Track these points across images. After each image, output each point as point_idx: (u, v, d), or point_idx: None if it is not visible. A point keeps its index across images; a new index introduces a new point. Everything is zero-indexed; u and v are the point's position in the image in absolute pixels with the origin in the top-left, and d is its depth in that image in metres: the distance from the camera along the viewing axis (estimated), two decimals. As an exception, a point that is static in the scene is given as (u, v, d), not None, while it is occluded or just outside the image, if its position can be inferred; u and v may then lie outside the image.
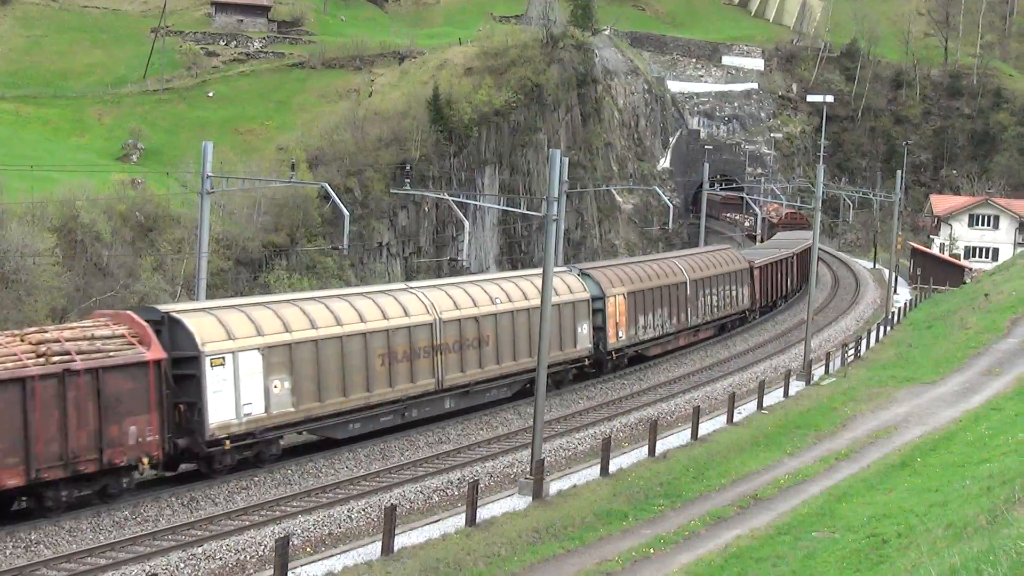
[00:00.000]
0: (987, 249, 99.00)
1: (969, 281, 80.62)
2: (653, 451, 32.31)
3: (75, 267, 57.36)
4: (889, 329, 59.75)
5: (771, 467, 31.28)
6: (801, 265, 73.98)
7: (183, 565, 23.33)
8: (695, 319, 54.51)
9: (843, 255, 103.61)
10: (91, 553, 23.83)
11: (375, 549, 23.38)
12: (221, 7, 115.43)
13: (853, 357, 50.47)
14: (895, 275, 75.24)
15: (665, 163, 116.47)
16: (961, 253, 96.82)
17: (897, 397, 39.97)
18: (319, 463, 31.88)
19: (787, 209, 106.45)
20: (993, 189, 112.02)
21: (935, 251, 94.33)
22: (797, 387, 44.14)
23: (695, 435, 34.57)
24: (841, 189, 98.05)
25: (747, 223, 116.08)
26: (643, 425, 37.22)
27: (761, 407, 39.57)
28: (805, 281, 70.78)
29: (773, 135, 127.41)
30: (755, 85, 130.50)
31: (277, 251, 71.70)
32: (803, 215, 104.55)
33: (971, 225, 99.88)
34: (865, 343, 53.63)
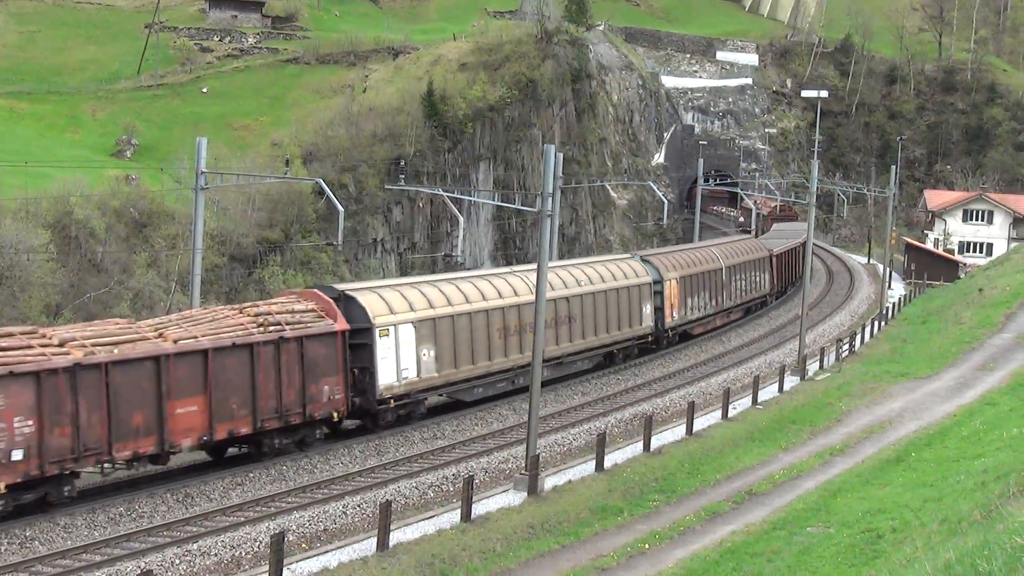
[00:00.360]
0: (981, 244, 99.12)
1: (963, 276, 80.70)
2: (648, 446, 32.34)
3: (69, 263, 57.21)
4: (883, 324, 59.80)
5: (766, 462, 31.32)
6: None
7: (178, 561, 23.30)
8: (729, 302, 59.87)
9: (837, 250, 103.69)
10: (86, 549, 23.79)
11: (370, 545, 23.39)
12: (215, 3, 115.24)
13: (847, 352, 50.56)
14: (889, 270, 75.35)
15: (659, 158, 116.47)
16: (955, 248, 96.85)
17: (891, 392, 40.01)
18: (313, 459, 31.88)
19: (775, 202, 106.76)
20: (987, 184, 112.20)
21: (929, 246, 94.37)
22: (792, 382, 44.22)
23: (690, 430, 34.63)
24: (835, 184, 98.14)
25: (741, 218, 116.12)
26: (638, 421, 37.25)
27: (756, 402, 39.65)
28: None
29: (767, 130, 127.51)
30: (749, 80, 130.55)
31: (271, 247, 71.55)
32: (792, 207, 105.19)
33: (965, 220, 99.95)
34: (859, 338, 53.74)
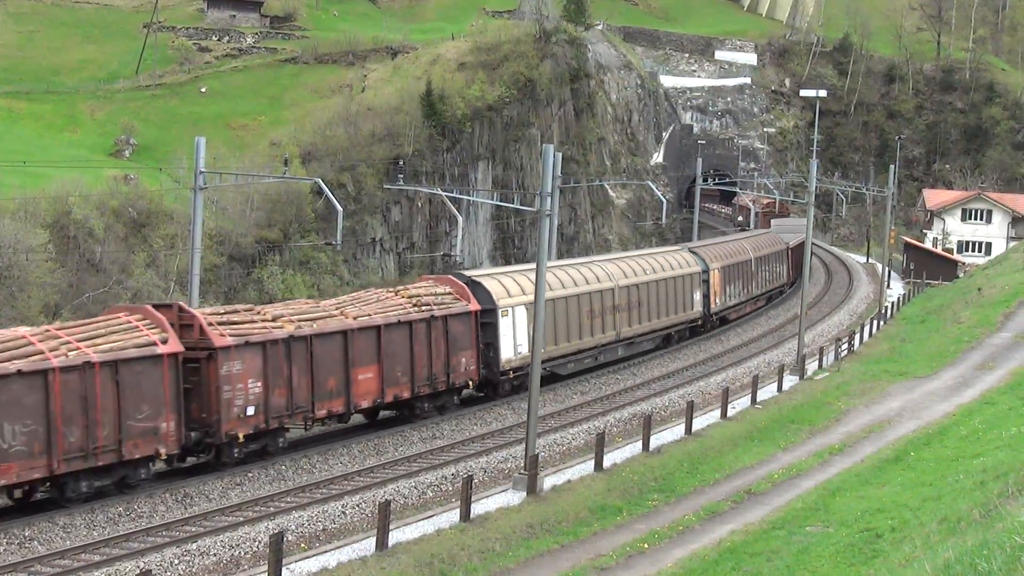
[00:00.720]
0: (980, 243, 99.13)
1: (962, 275, 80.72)
2: (647, 446, 32.32)
3: (68, 263, 57.18)
4: (882, 323, 59.77)
5: (765, 462, 31.32)
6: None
7: (177, 561, 23.30)
8: (756, 290, 65.51)
9: (836, 249, 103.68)
10: (85, 549, 23.79)
11: (369, 545, 23.38)
12: (213, 2, 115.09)
13: (846, 351, 50.55)
14: (888, 270, 75.36)
15: (658, 158, 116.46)
16: (954, 247, 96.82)
17: (890, 391, 40.02)
18: (313, 458, 31.88)
19: (767, 199, 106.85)
20: (986, 183, 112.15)
21: (928, 245, 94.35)
22: (791, 382, 44.18)
23: (689, 430, 34.61)
24: (834, 183, 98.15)
25: (740, 216, 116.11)
26: (637, 420, 37.25)
27: (755, 402, 39.63)
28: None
29: (766, 130, 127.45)
30: (748, 80, 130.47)
31: (270, 247, 71.50)
32: (785, 205, 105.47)
33: (964, 219, 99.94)
34: (858, 337, 53.72)
